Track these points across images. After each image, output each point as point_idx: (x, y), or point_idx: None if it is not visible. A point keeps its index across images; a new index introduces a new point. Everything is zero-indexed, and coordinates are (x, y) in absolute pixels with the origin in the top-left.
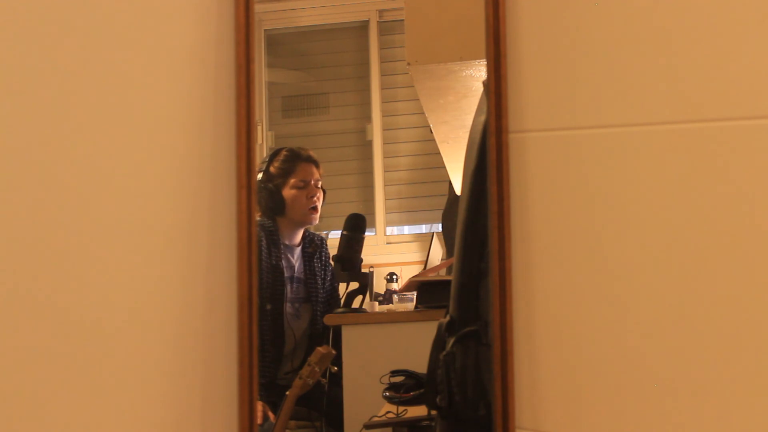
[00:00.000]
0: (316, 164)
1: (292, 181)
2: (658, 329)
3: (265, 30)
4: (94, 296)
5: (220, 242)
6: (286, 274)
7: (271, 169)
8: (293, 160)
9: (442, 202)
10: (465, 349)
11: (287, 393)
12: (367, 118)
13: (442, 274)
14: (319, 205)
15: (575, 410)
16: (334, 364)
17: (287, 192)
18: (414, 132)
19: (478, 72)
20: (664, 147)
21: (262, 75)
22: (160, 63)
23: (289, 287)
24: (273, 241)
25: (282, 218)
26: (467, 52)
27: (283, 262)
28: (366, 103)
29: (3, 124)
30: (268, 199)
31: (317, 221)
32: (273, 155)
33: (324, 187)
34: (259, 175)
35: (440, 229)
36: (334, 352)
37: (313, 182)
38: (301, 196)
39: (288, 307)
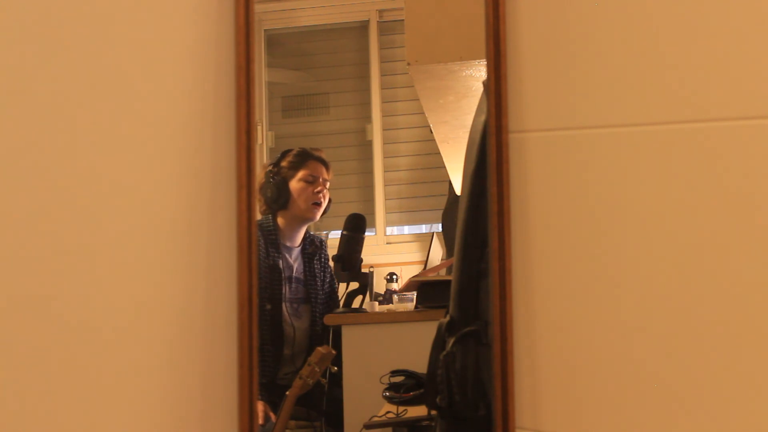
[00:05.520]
0: (326, 166)
1: (300, 174)
2: (658, 329)
3: (265, 30)
4: (94, 296)
5: (220, 242)
6: (285, 274)
7: (282, 163)
8: (304, 156)
9: (442, 202)
10: (465, 349)
11: (287, 393)
12: (367, 118)
13: (442, 274)
14: (323, 203)
15: (575, 410)
16: (334, 364)
17: (294, 184)
18: (414, 132)
19: (478, 72)
20: (664, 147)
21: (262, 75)
22: (160, 63)
23: (287, 287)
24: (271, 241)
25: (284, 213)
26: (467, 52)
27: (281, 262)
28: (366, 103)
29: (1, 124)
30: (274, 191)
31: (318, 218)
32: (285, 152)
33: (330, 196)
34: (269, 168)
35: (440, 229)
36: (334, 352)
37: (321, 180)
38: (307, 190)
39: (287, 308)
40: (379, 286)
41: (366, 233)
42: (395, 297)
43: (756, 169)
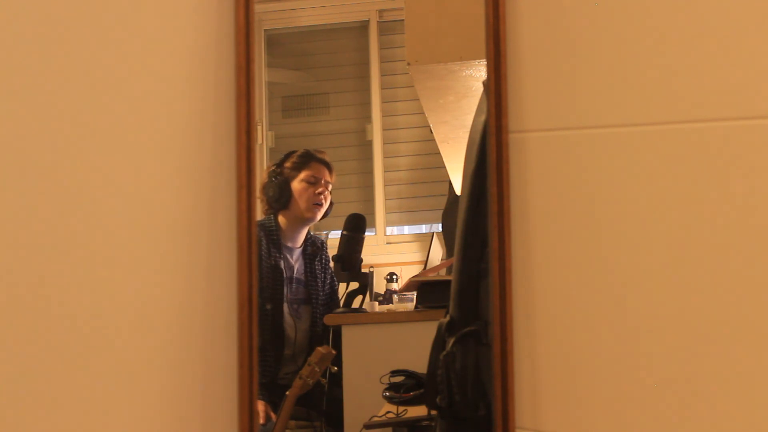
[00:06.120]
0: (329, 168)
1: (303, 174)
2: (657, 329)
3: (265, 30)
4: (94, 296)
5: (220, 242)
6: (286, 274)
7: (286, 164)
8: (308, 158)
9: (442, 202)
10: (465, 349)
11: (287, 393)
12: (367, 118)
13: (442, 274)
14: (324, 204)
15: (575, 410)
16: (334, 364)
17: (296, 185)
18: (414, 132)
19: (478, 72)
20: (663, 147)
21: (262, 75)
22: (161, 63)
23: (288, 288)
24: (273, 241)
25: (285, 213)
26: (467, 52)
27: (282, 262)
28: (366, 103)
29: (2, 124)
30: (276, 190)
31: (318, 219)
32: (289, 153)
33: (333, 198)
34: (272, 168)
35: (440, 229)
36: (334, 352)
37: (323, 181)
38: (308, 191)
39: (288, 308)
40: (379, 286)
41: (366, 233)
42: (395, 297)
43: (756, 169)
